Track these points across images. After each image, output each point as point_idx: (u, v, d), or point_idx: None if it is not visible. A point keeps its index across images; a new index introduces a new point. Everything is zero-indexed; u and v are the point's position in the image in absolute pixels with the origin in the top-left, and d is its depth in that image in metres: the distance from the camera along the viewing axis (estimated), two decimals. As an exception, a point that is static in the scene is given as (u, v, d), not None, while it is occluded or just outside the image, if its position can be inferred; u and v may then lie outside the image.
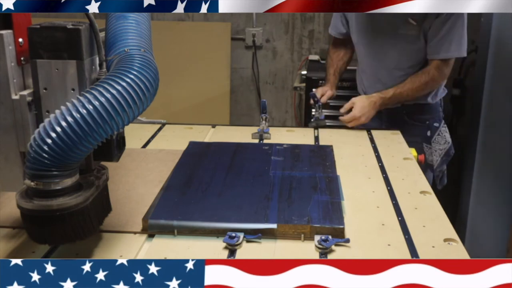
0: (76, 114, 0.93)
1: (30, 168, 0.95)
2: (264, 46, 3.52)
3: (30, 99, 1.03)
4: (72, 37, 1.01)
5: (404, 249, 1.18)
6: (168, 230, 1.22)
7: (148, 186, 1.47)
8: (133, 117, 1.00)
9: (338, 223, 1.22)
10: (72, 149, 0.94)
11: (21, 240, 1.20)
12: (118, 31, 1.08)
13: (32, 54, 1.02)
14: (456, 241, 1.22)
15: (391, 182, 1.55)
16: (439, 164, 2.21)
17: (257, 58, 3.54)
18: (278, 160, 1.64)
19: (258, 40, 3.49)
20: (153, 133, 2.01)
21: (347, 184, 1.50)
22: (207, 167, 1.58)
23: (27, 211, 0.99)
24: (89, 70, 1.05)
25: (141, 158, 1.70)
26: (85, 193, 1.03)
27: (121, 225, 1.25)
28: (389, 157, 1.76)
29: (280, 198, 1.36)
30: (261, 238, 1.20)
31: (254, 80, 3.58)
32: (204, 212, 1.28)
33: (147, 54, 1.06)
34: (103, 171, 1.13)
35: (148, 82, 1.00)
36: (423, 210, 1.37)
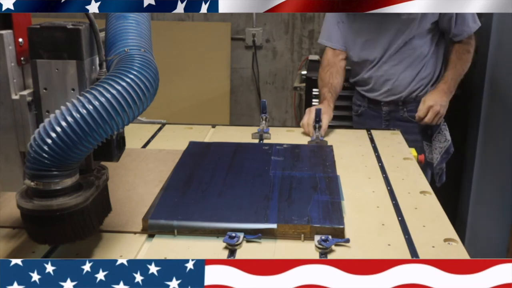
0: (76, 114, 0.93)
1: (30, 168, 0.95)
2: (264, 46, 3.52)
3: (30, 99, 1.03)
4: (72, 37, 1.01)
5: (404, 249, 1.18)
6: (168, 230, 1.22)
7: (148, 186, 1.47)
8: (133, 117, 1.00)
9: (338, 223, 1.22)
10: (72, 149, 0.94)
11: (21, 240, 1.20)
12: (118, 31, 1.08)
13: (32, 54, 1.02)
14: (456, 241, 1.22)
15: (391, 182, 1.55)
16: (438, 162, 2.23)
17: (257, 58, 3.53)
18: (278, 160, 1.64)
19: (258, 40, 3.49)
20: (153, 133, 2.01)
21: (347, 184, 1.50)
22: (207, 167, 1.58)
23: (27, 211, 0.99)
24: (89, 70, 1.05)
25: (141, 158, 1.70)
26: (85, 193, 1.03)
27: (121, 225, 1.25)
28: (389, 157, 1.76)
29: (280, 198, 1.36)
30: (261, 238, 1.20)
31: (254, 80, 3.58)
32: (204, 212, 1.28)
33: (147, 54, 1.06)
34: (103, 171, 1.13)
35: (148, 82, 1.00)
36: (423, 210, 1.37)
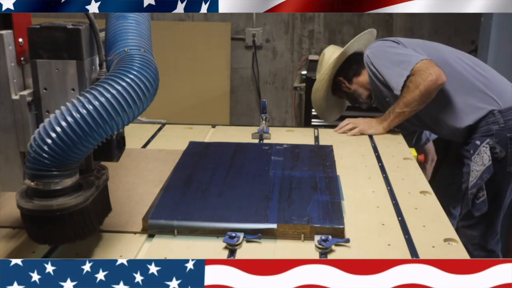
0: (76, 114, 0.93)
1: (30, 168, 0.95)
2: (264, 46, 3.52)
3: (30, 99, 1.03)
4: (72, 37, 1.01)
5: (404, 249, 1.18)
6: (168, 230, 1.22)
7: (148, 186, 1.47)
8: (133, 117, 1.00)
9: (338, 223, 1.22)
10: (72, 149, 0.94)
11: (21, 240, 1.20)
12: (118, 31, 1.08)
13: (32, 54, 1.02)
14: (456, 241, 1.21)
15: (391, 182, 1.55)
16: (471, 186, 1.94)
17: (257, 58, 3.53)
18: (278, 160, 1.64)
19: (258, 40, 3.48)
20: (153, 133, 2.01)
21: (347, 184, 1.50)
22: (207, 167, 1.58)
23: (27, 211, 0.99)
24: (89, 70, 1.05)
25: (141, 158, 1.70)
26: (85, 193, 1.03)
27: (121, 225, 1.25)
28: (389, 157, 1.76)
29: (280, 198, 1.36)
30: (261, 238, 1.20)
31: (254, 80, 3.58)
32: (204, 212, 1.28)
33: (147, 54, 1.06)
34: (103, 171, 1.13)
35: (148, 82, 1.00)
36: (423, 210, 1.37)
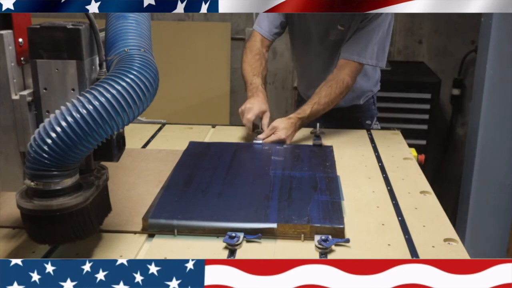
0: (76, 114, 0.93)
1: (30, 168, 0.95)
2: (264, 46, 3.52)
3: (30, 99, 1.03)
4: (72, 37, 1.01)
5: (404, 249, 1.18)
6: (168, 230, 1.22)
7: (148, 186, 1.47)
8: (133, 117, 1.00)
9: (338, 223, 1.22)
10: (72, 149, 0.94)
11: (21, 240, 1.20)
12: (118, 31, 1.08)
13: (32, 54, 1.02)
14: (456, 241, 1.22)
15: (391, 182, 1.55)
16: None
17: (257, 58, 3.53)
18: (278, 160, 1.64)
19: (258, 40, 3.48)
20: (153, 133, 2.01)
21: (347, 184, 1.50)
22: (207, 167, 1.58)
23: (27, 211, 0.99)
24: (89, 70, 1.05)
25: (141, 158, 1.70)
26: (85, 193, 1.03)
27: (121, 225, 1.25)
28: (389, 157, 1.76)
29: (280, 198, 1.36)
30: (261, 238, 1.20)
31: (254, 80, 3.57)
32: (204, 211, 1.28)
33: (147, 54, 1.06)
34: (103, 171, 1.13)
35: (148, 82, 1.00)
36: (423, 210, 1.37)
